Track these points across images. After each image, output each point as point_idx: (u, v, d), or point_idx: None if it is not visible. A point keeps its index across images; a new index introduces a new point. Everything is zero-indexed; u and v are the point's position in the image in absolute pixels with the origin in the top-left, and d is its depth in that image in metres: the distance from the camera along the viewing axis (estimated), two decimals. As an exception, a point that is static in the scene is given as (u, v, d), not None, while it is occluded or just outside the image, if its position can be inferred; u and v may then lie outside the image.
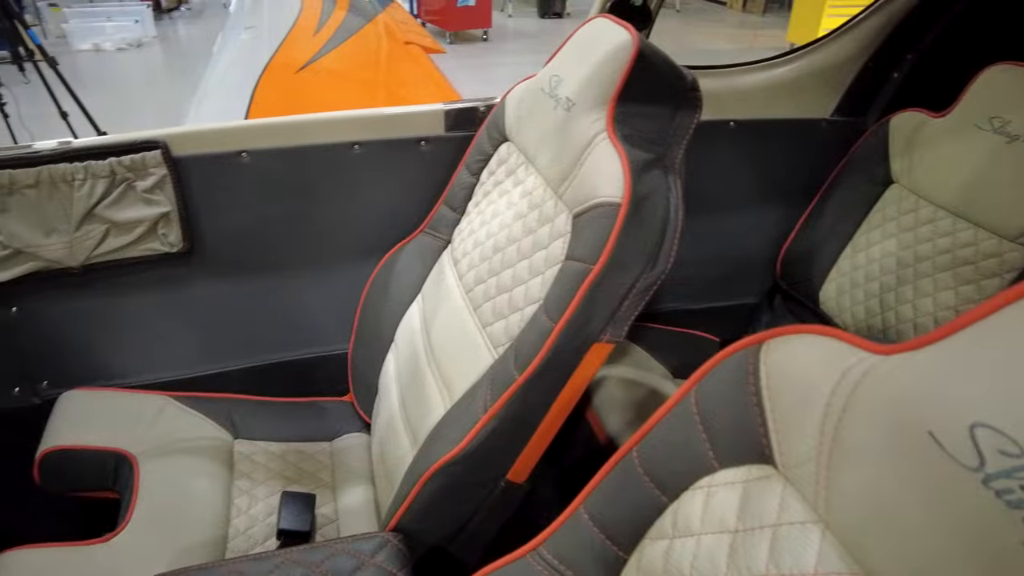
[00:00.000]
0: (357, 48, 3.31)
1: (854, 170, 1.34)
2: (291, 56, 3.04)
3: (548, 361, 0.76)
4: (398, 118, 1.17)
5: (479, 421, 0.80)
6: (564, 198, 0.84)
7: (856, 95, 1.41)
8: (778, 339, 0.52)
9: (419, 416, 0.95)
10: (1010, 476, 0.35)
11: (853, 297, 1.28)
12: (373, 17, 3.66)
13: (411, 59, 3.42)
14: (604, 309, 0.76)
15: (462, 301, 0.97)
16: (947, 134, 1.20)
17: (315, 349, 1.31)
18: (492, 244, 0.95)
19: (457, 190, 1.11)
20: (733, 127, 1.34)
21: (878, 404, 0.43)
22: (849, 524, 0.45)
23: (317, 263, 1.24)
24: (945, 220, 1.17)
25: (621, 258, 0.74)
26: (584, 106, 0.84)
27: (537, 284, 0.83)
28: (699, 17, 8.13)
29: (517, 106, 1.01)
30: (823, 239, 1.36)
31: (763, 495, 0.50)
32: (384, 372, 1.14)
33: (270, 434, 1.17)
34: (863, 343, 0.46)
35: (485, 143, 1.08)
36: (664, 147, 0.83)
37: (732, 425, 0.53)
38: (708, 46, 6.57)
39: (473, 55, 6.20)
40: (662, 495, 0.58)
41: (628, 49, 0.81)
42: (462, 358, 0.91)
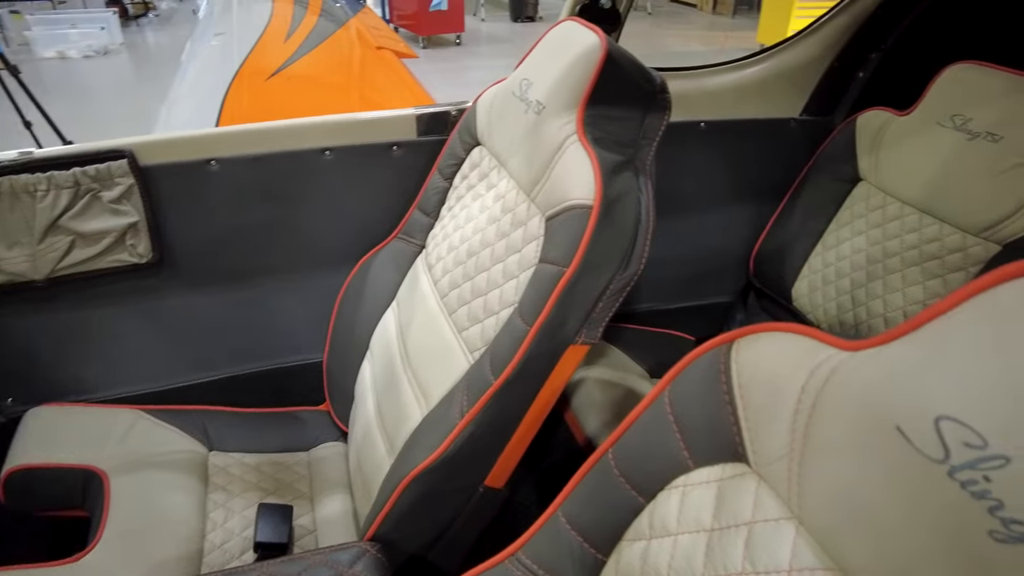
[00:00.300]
0: (329, 53, 3.29)
1: (823, 169, 1.36)
2: (262, 62, 3.01)
3: (524, 364, 0.76)
4: (369, 123, 1.16)
5: (456, 427, 0.79)
6: (536, 201, 0.84)
7: (823, 95, 1.43)
8: (748, 338, 0.53)
9: (396, 423, 0.95)
10: (974, 467, 0.36)
11: (825, 294, 1.30)
12: (344, 22, 3.65)
13: (384, 64, 3.41)
14: (578, 311, 0.76)
15: (437, 306, 0.96)
16: (911, 132, 1.22)
17: (290, 358, 1.29)
18: (466, 248, 0.94)
19: (430, 195, 1.10)
20: (704, 128, 1.36)
21: (847, 400, 0.43)
22: (822, 520, 0.45)
23: (290, 271, 1.22)
24: (912, 216, 1.20)
25: (594, 260, 0.74)
26: (554, 109, 0.84)
27: (512, 288, 0.83)
28: (670, 19, 8.21)
29: (488, 110, 1.01)
30: (794, 237, 1.37)
31: (738, 493, 0.51)
32: (360, 380, 1.13)
33: (245, 445, 1.16)
34: (831, 340, 0.47)
35: (457, 147, 1.07)
36: (634, 149, 0.83)
37: (705, 424, 0.53)
38: (680, 48, 6.64)
39: (446, 59, 6.19)
40: (639, 496, 0.58)
41: (597, 52, 0.81)
42: (438, 364, 0.91)
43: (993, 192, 1.08)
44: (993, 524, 0.35)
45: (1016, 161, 1.07)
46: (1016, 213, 1.06)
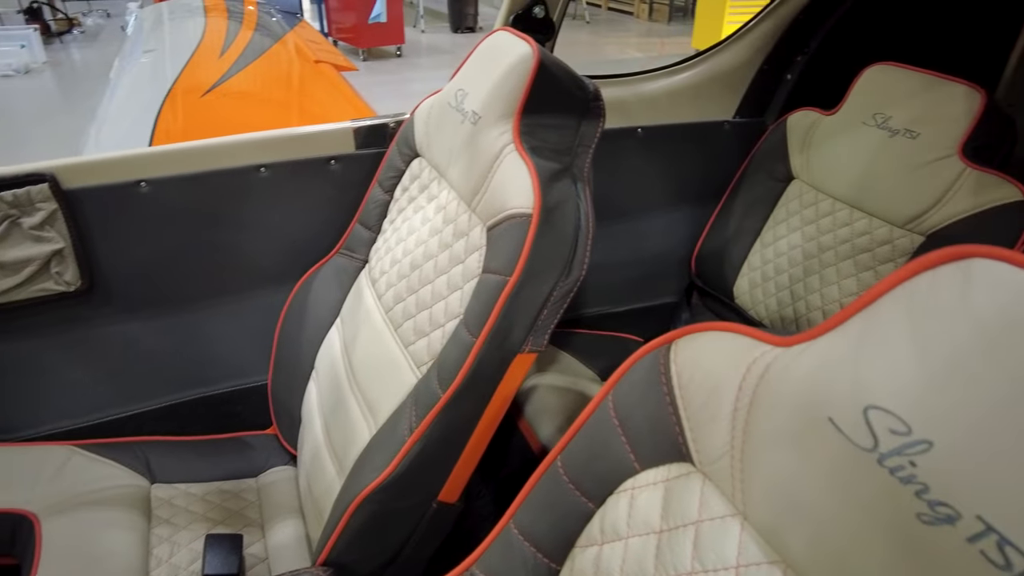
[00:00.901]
0: (266, 68, 3.23)
1: (757, 169, 1.40)
2: (196, 79, 2.93)
3: (471, 376, 0.76)
4: (305, 138, 1.14)
5: (405, 444, 0.78)
6: (477, 211, 0.84)
7: (754, 97, 1.47)
8: (685, 338, 0.53)
9: (344, 444, 0.93)
10: (900, 454, 0.37)
11: (765, 290, 1.34)
12: (281, 37, 3.59)
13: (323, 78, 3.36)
14: (524, 319, 0.76)
15: (382, 321, 0.95)
16: (837, 131, 1.27)
17: (234, 382, 1.25)
18: (409, 261, 0.93)
19: (371, 208, 1.09)
20: (641, 133, 1.38)
21: (782, 395, 0.44)
22: (765, 514, 0.46)
23: (229, 293, 1.19)
24: (843, 211, 1.24)
25: (536, 268, 0.75)
26: (490, 119, 0.84)
27: (456, 299, 0.83)
28: (608, 28, 8.36)
29: (426, 121, 1.01)
30: (733, 236, 1.41)
31: (684, 493, 0.51)
32: (306, 401, 1.10)
33: (191, 475, 1.11)
34: (764, 336, 0.48)
35: (397, 159, 1.06)
36: (571, 156, 0.84)
37: (649, 426, 0.54)
38: (619, 55, 6.77)
39: (388, 71, 6.15)
40: (588, 502, 0.58)
41: (529, 61, 0.81)
42: (385, 380, 0.89)
43: (914, 186, 1.14)
44: (920, 507, 0.36)
45: (933, 156, 1.12)
46: (936, 205, 1.11)
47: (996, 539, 0.33)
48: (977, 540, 0.34)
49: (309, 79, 3.27)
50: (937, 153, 1.12)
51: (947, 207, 1.10)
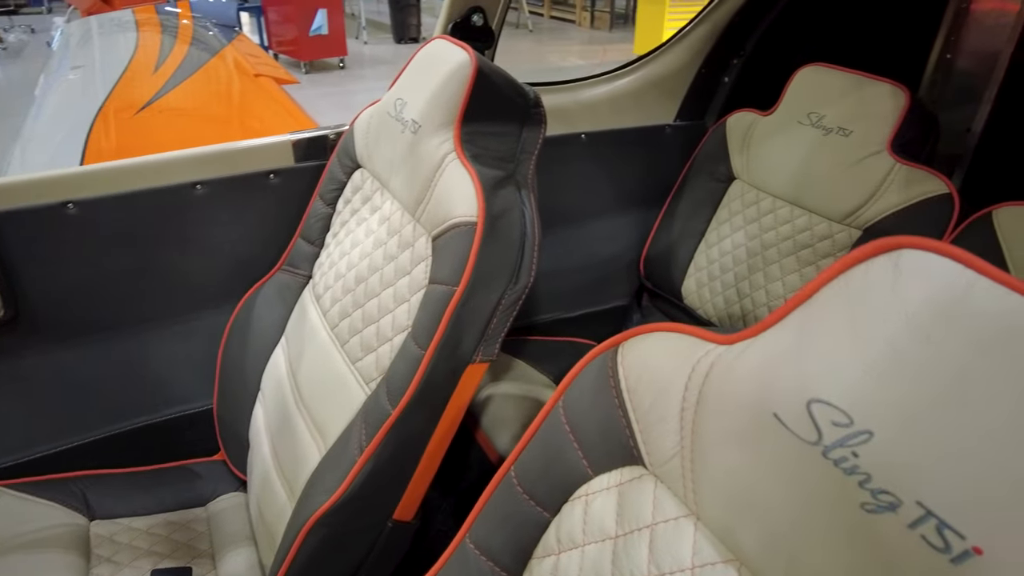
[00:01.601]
0: (204, 84, 3.14)
1: (699, 170, 1.43)
2: (129, 96, 2.84)
3: (422, 390, 0.74)
4: (243, 152, 1.10)
5: (355, 463, 0.76)
6: (421, 221, 0.83)
7: (694, 100, 1.50)
8: (631, 340, 0.53)
9: (294, 466, 0.90)
10: (843, 445, 0.37)
11: (712, 289, 1.36)
12: (219, 51, 3.50)
13: (263, 92, 3.29)
14: (473, 329, 0.75)
15: (328, 338, 0.92)
16: (775, 130, 1.30)
17: (178, 408, 1.20)
18: (354, 275, 0.91)
19: (313, 222, 1.06)
20: (585, 139, 1.39)
21: (727, 393, 0.44)
22: (717, 513, 0.46)
23: (168, 316, 1.14)
24: (783, 209, 1.27)
25: (483, 276, 0.74)
26: (430, 128, 0.83)
27: (404, 312, 0.81)
28: (551, 36, 8.46)
29: (365, 132, 0.99)
30: (678, 237, 1.43)
31: (638, 497, 0.51)
32: (254, 424, 1.07)
33: (134, 509, 1.06)
34: (708, 335, 0.48)
35: (338, 171, 1.04)
36: (514, 164, 0.84)
37: (600, 430, 0.53)
38: (563, 63, 6.84)
39: (331, 83, 6.08)
40: (544, 511, 0.57)
41: (467, 69, 0.81)
42: (333, 399, 0.87)
43: (849, 182, 1.17)
44: (864, 497, 0.36)
45: (865, 153, 1.16)
46: (870, 200, 1.15)
47: (935, 523, 0.33)
48: (918, 525, 0.34)
49: (249, 94, 3.20)
50: (868, 150, 1.16)
51: (880, 201, 1.14)
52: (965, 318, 0.34)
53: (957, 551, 0.33)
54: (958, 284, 0.35)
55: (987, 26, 1.22)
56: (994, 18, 1.21)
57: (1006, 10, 1.19)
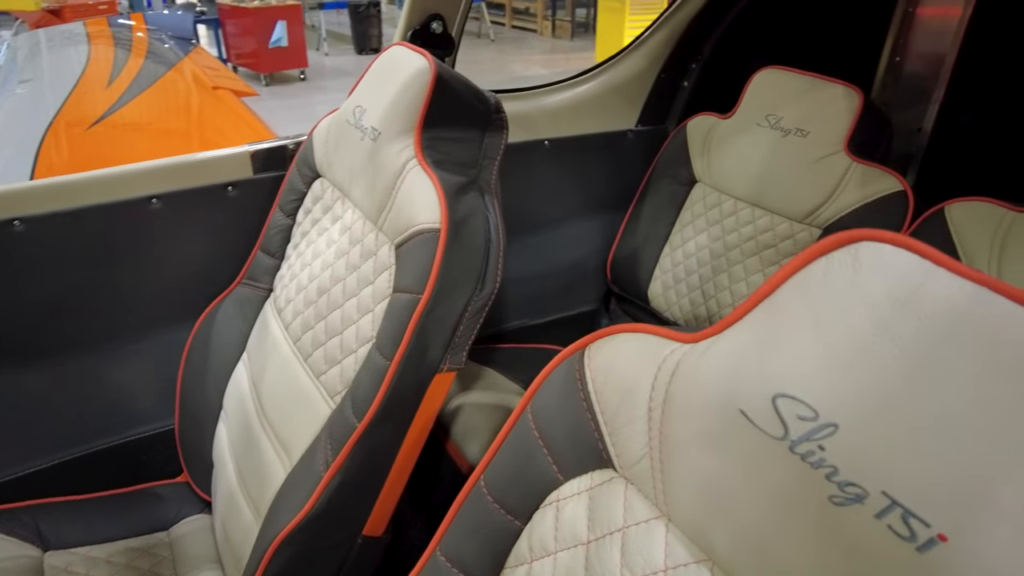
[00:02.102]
0: (160, 97, 3.08)
1: (661, 174, 1.44)
2: (81, 111, 2.76)
3: (388, 402, 0.73)
4: (200, 165, 1.08)
5: (322, 480, 0.74)
6: (384, 229, 0.82)
7: (655, 105, 1.52)
8: (598, 342, 0.53)
9: (259, 485, 0.87)
10: (809, 439, 0.37)
11: (678, 291, 1.37)
12: (175, 64, 3.43)
13: (222, 105, 3.24)
14: (439, 337, 0.74)
15: (290, 352, 0.90)
16: (734, 133, 1.32)
17: (138, 430, 1.16)
18: (316, 286, 0.89)
19: (273, 234, 1.04)
20: (548, 146, 1.39)
21: (693, 391, 0.44)
22: (688, 513, 0.45)
23: (125, 334, 1.10)
24: (745, 210, 1.29)
25: (448, 284, 0.73)
26: (390, 135, 0.82)
27: (368, 322, 0.79)
28: (513, 45, 8.51)
29: (324, 140, 0.97)
30: (643, 241, 1.44)
31: (608, 500, 0.50)
32: (217, 443, 1.04)
33: (91, 537, 1.02)
34: (672, 334, 0.48)
35: (297, 181, 1.02)
36: (477, 169, 0.83)
37: (568, 434, 0.53)
38: (527, 72, 6.89)
39: (292, 95, 6.02)
40: (515, 520, 0.56)
41: (426, 75, 0.80)
42: (297, 414, 0.85)
43: (808, 182, 1.19)
44: (832, 489, 0.36)
45: (823, 153, 1.18)
46: (829, 199, 1.17)
47: (901, 512, 0.34)
48: (884, 515, 0.34)
49: (208, 107, 3.15)
50: (826, 150, 1.19)
51: (839, 200, 1.16)
52: (923, 308, 0.35)
53: (923, 539, 0.33)
54: (915, 275, 0.36)
55: (932, 30, 1.26)
56: (938, 22, 1.25)
57: (949, 15, 1.23)
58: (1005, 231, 0.95)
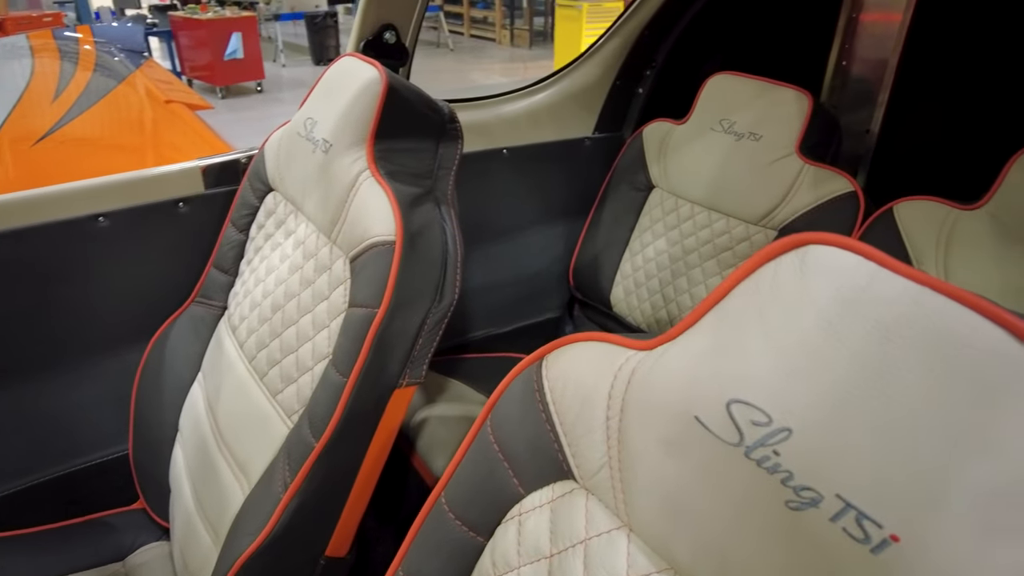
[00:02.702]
0: (111, 111, 3.00)
1: (619, 181, 1.45)
2: (25, 127, 2.67)
3: (346, 419, 0.71)
4: (149, 181, 1.05)
5: (280, 502, 0.72)
6: (338, 243, 0.80)
7: (611, 112, 1.53)
8: (555, 352, 0.52)
9: (217, 509, 0.84)
10: (764, 444, 0.37)
11: (639, 296, 1.38)
12: (126, 77, 3.35)
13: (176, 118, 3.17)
14: (398, 352, 0.73)
15: (246, 371, 0.88)
16: (689, 138, 1.34)
17: (89, 457, 1.12)
18: (270, 303, 0.87)
19: (226, 250, 1.01)
20: (507, 154, 1.39)
21: (649, 399, 0.44)
22: (649, 523, 0.45)
23: (74, 358, 1.06)
24: (702, 214, 1.30)
25: (405, 297, 0.72)
26: (342, 147, 0.81)
27: (323, 338, 0.78)
28: (472, 54, 8.52)
29: (276, 153, 0.96)
30: (604, 247, 1.44)
31: (570, 512, 0.50)
32: (173, 467, 1.00)
33: (40, 572, 0.97)
34: (627, 342, 0.47)
35: (249, 196, 1.00)
36: (432, 180, 0.82)
37: (529, 446, 0.52)
38: (487, 81, 6.90)
39: (249, 108, 5.93)
40: (477, 536, 0.55)
41: (377, 85, 0.79)
42: (254, 435, 0.82)
43: (762, 185, 1.21)
44: (788, 494, 0.36)
45: (775, 156, 1.21)
46: (783, 201, 1.19)
47: (855, 515, 0.34)
48: (839, 518, 0.34)
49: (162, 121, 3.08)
50: (778, 153, 1.21)
51: (793, 202, 1.18)
52: (869, 309, 0.35)
53: (876, 540, 0.33)
54: (861, 277, 0.36)
55: (875, 35, 1.30)
56: (881, 27, 1.29)
57: (890, 20, 1.27)
58: (950, 229, 0.97)
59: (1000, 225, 0.93)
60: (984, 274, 0.93)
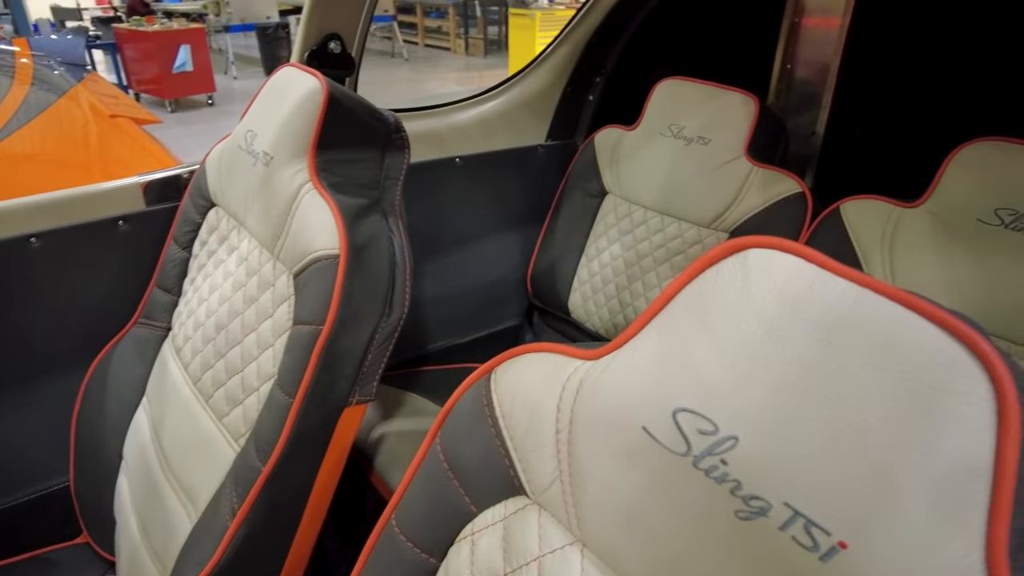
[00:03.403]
0: (52, 126, 2.89)
1: (573, 187, 1.45)
2: (-45, 144, 2.56)
3: (294, 441, 0.69)
4: (86, 199, 1.00)
5: (228, 530, 0.69)
6: (281, 258, 0.78)
7: (563, 119, 1.53)
8: (503, 365, 0.51)
9: (164, 539, 0.81)
10: (712, 453, 0.36)
11: (596, 301, 1.38)
12: (67, 91, 3.24)
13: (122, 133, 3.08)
14: (346, 369, 0.70)
15: (191, 394, 0.84)
16: (639, 144, 1.35)
17: (28, 490, 1.06)
18: (214, 322, 0.84)
19: (169, 269, 0.98)
20: (460, 163, 1.38)
21: (597, 410, 0.43)
22: (601, 537, 0.44)
23: (9, 387, 1.01)
24: (654, 219, 1.31)
25: (352, 312, 0.70)
26: (283, 159, 0.78)
27: (268, 358, 0.75)
28: (427, 64, 8.50)
29: (217, 167, 0.92)
30: (560, 254, 1.44)
31: (523, 529, 0.48)
32: (118, 497, 0.96)
33: (-24, 616, 0.92)
34: (574, 352, 0.46)
35: (191, 212, 0.97)
36: (378, 191, 0.80)
37: (479, 463, 0.51)
38: (443, 90, 6.89)
39: (199, 121, 5.79)
40: (430, 557, 0.53)
41: (318, 95, 0.77)
42: (200, 461, 0.79)
43: (712, 188, 1.23)
44: (737, 504, 0.36)
45: (724, 159, 1.22)
46: (733, 203, 1.20)
47: (803, 523, 0.33)
48: (788, 527, 0.34)
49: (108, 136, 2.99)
50: (727, 156, 1.22)
51: (743, 204, 1.20)
52: (810, 312, 0.35)
53: (825, 548, 0.33)
54: (802, 279, 0.36)
55: (817, 39, 1.33)
56: (821, 32, 1.32)
57: (830, 25, 1.30)
58: (894, 226, 1.00)
59: (939, 221, 0.95)
60: (927, 270, 0.95)
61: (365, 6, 1.07)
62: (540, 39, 6.37)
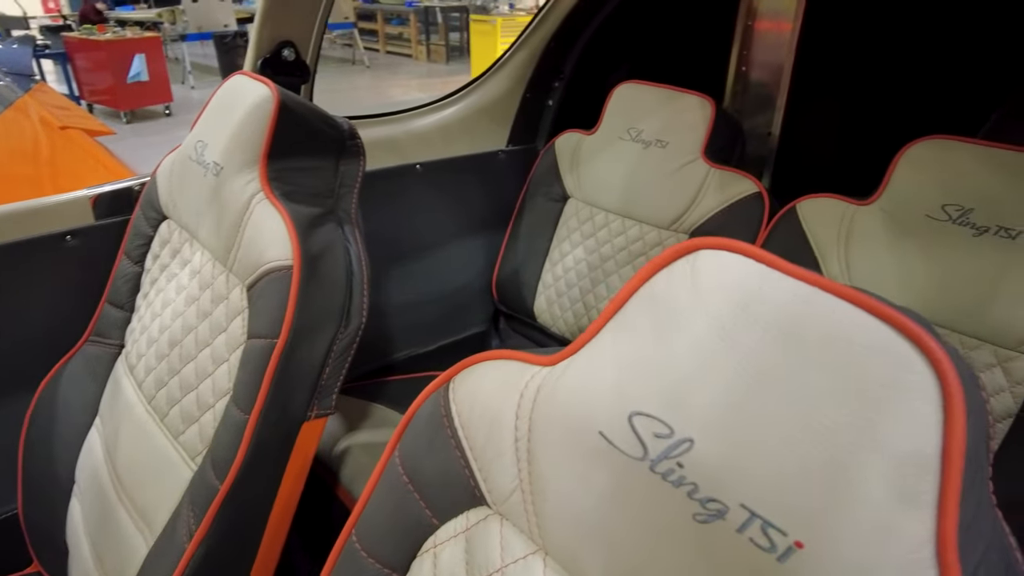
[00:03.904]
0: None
1: (535, 192, 1.45)
2: None
3: (251, 458, 0.67)
4: (30, 213, 0.97)
5: (185, 552, 0.67)
6: (234, 270, 0.76)
7: (523, 124, 1.53)
8: (461, 373, 0.50)
9: (118, 565, 0.78)
10: (668, 456, 0.36)
11: (561, 305, 1.38)
12: (13, 102, 3.14)
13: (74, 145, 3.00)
14: (303, 383, 0.69)
15: (145, 413, 0.82)
16: (599, 148, 1.35)
17: None
18: (167, 338, 0.82)
19: (120, 284, 0.95)
20: (420, 169, 1.37)
21: (555, 416, 0.43)
22: (563, 545, 0.43)
23: None
24: (616, 222, 1.32)
25: (307, 323, 0.68)
26: (233, 169, 0.76)
27: (223, 373, 0.73)
28: (389, 71, 8.45)
29: (168, 178, 0.90)
30: (524, 259, 1.44)
31: (485, 540, 0.48)
32: (70, 523, 0.92)
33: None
34: (531, 358, 0.46)
35: (143, 225, 0.94)
36: (333, 199, 0.79)
37: (439, 475, 0.50)
38: (405, 96, 6.85)
39: (156, 132, 5.66)
40: (392, 573, 0.52)
41: (268, 104, 0.75)
42: (156, 482, 0.77)
43: (671, 190, 1.24)
44: (695, 507, 0.35)
45: (682, 161, 1.23)
46: (692, 205, 1.22)
47: (760, 524, 0.33)
48: (745, 529, 0.34)
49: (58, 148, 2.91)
50: (685, 158, 1.23)
51: (702, 205, 1.21)
52: (761, 313, 0.35)
53: (781, 548, 0.33)
54: (752, 280, 0.36)
55: (770, 42, 1.35)
56: (774, 35, 1.34)
57: (782, 28, 1.32)
58: (849, 224, 1.02)
59: (891, 218, 0.98)
60: (881, 266, 0.97)
61: (319, 13, 1.05)
62: (502, 45, 6.39)
